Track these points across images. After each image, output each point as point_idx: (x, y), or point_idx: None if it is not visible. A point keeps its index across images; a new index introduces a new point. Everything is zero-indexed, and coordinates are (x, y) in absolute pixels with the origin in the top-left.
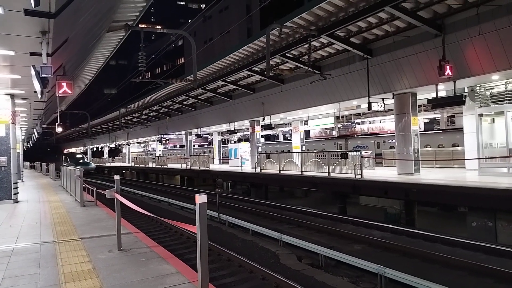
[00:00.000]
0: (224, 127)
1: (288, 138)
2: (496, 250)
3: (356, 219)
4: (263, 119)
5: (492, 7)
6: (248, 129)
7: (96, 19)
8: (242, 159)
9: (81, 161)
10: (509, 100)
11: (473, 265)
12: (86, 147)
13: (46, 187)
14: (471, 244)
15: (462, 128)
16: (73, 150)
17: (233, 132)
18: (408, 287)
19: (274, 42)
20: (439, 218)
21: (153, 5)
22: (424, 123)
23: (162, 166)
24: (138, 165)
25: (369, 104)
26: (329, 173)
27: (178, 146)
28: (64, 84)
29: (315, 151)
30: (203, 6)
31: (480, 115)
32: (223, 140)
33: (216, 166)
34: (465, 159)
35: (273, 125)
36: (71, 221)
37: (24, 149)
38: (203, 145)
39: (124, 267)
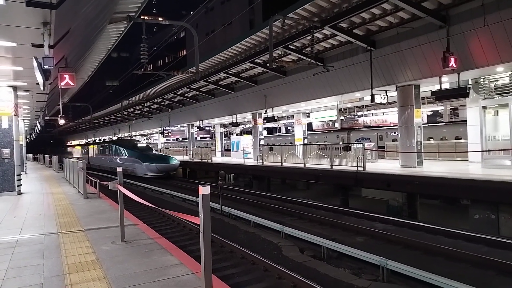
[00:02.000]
0: (226, 119)
1: (291, 130)
2: (498, 243)
3: (358, 212)
4: (266, 111)
5: None
6: (250, 121)
7: (97, 10)
8: (244, 152)
9: (146, 152)
10: None
11: (475, 258)
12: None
13: (49, 179)
14: (473, 236)
15: (466, 120)
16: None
17: (235, 124)
18: (410, 278)
19: (277, 34)
20: (441, 211)
21: None
22: (427, 115)
23: None
24: None
25: (372, 96)
26: (331, 165)
27: (181, 138)
28: (66, 76)
29: (317, 143)
30: None
31: (484, 107)
32: (225, 133)
33: (218, 158)
34: (468, 152)
35: (275, 118)
36: (74, 212)
37: (27, 141)
38: (205, 137)
39: (128, 258)
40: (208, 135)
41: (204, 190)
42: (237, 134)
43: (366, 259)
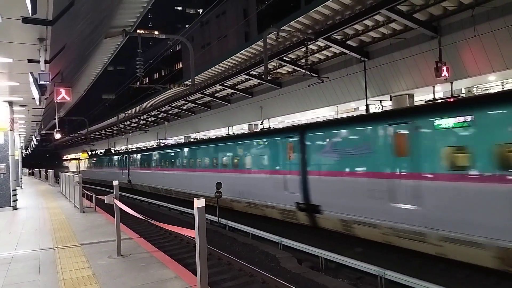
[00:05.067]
0: (223, 131)
1: None
2: None
3: None
4: (262, 122)
5: (488, 8)
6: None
7: (93, 25)
8: None
9: None
10: None
11: None
12: None
13: (45, 194)
14: None
15: None
16: None
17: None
18: None
19: (272, 46)
20: None
21: (150, 10)
22: None
23: None
24: None
25: (367, 106)
26: None
27: None
28: (62, 91)
29: None
30: (200, 11)
31: None
32: None
33: None
34: None
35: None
36: (70, 227)
37: (22, 156)
38: None
39: (124, 272)
40: None
41: (199, 203)
42: None
43: (364, 269)
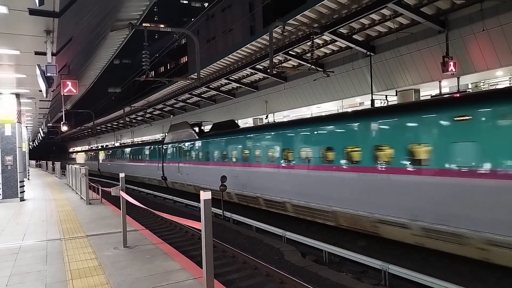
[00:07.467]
0: None
1: None
2: None
3: None
4: (267, 116)
5: (496, 2)
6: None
7: (99, 18)
8: None
9: None
10: None
11: None
12: None
13: (52, 186)
14: None
15: None
16: None
17: None
18: (412, 283)
19: (277, 40)
20: None
21: (156, 4)
22: None
23: None
24: None
25: (372, 101)
26: None
27: None
28: (69, 83)
29: None
30: (206, 4)
31: None
32: None
33: None
34: None
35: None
36: (77, 218)
37: (30, 148)
38: None
39: (130, 263)
40: None
41: (205, 195)
42: None
43: (368, 263)
